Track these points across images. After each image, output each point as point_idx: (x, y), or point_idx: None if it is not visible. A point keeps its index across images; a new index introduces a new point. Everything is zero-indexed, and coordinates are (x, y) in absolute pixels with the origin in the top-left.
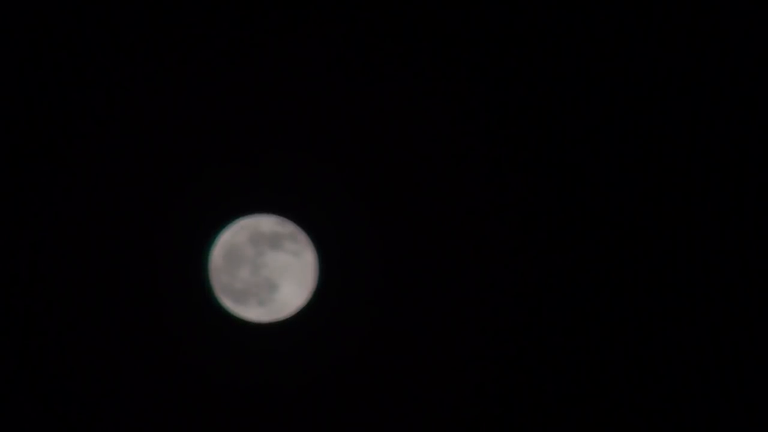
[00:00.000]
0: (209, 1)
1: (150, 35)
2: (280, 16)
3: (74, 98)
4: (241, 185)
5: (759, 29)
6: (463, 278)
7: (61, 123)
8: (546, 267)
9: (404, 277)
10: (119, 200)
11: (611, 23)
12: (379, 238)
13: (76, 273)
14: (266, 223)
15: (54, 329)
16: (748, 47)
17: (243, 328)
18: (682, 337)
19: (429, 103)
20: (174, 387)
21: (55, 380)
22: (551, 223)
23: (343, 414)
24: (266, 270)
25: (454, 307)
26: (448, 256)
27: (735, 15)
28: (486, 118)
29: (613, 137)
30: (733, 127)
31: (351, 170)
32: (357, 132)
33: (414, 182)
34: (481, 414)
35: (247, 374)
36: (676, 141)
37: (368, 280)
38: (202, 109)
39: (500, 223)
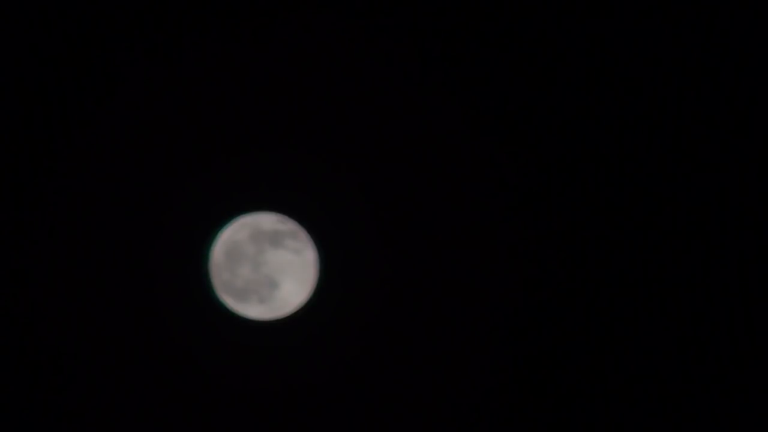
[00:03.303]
0: (210, 0)
1: (150, 34)
2: (281, 14)
3: (74, 96)
4: (242, 183)
5: (759, 29)
6: (464, 277)
7: (61, 121)
8: (548, 268)
9: (405, 276)
10: (119, 198)
11: (611, 23)
12: (380, 237)
13: (76, 272)
14: (267, 220)
15: (54, 328)
16: (748, 47)
17: (243, 326)
18: (682, 337)
19: (429, 101)
20: (174, 385)
21: (55, 380)
22: (553, 224)
23: (343, 412)
24: (267, 268)
25: (455, 306)
26: (448, 254)
27: (735, 15)
28: (487, 118)
29: (616, 139)
30: (733, 127)
31: (352, 168)
32: (358, 130)
33: (415, 181)
34: (481, 413)
35: (248, 372)
36: (677, 141)
37: (369, 278)
38: (203, 107)
39: (502, 223)
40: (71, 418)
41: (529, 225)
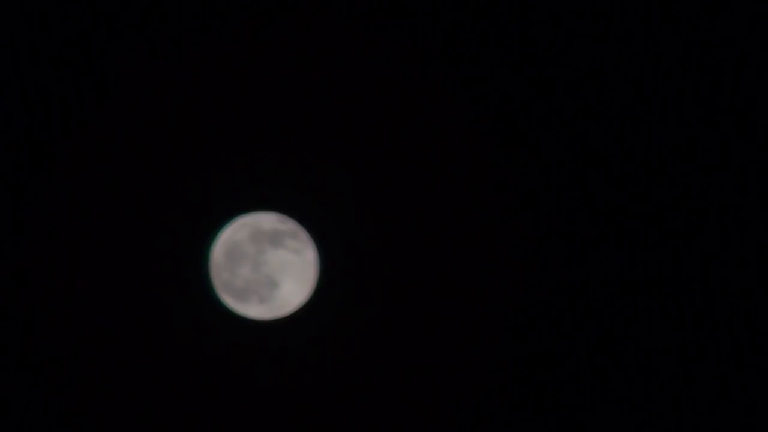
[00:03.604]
0: (210, 0)
1: (150, 34)
2: (281, 14)
3: (74, 97)
4: (242, 183)
5: (759, 29)
6: (463, 276)
7: (61, 122)
8: (548, 267)
9: (405, 275)
10: (120, 198)
11: (611, 23)
12: (380, 237)
13: (76, 272)
14: (267, 220)
15: (54, 328)
16: (748, 47)
17: (244, 326)
18: (682, 337)
19: (429, 101)
20: (175, 384)
21: (55, 379)
22: (553, 223)
23: (343, 412)
24: (267, 267)
25: (455, 305)
26: (448, 254)
27: (735, 15)
28: (487, 117)
29: (616, 139)
30: (733, 128)
31: (352, 168)
32: (358, 130)
33: (415, 180)
34: (481, 413)
35: (248, 371)
36: (677, 141)
37: (368, 278)
38: (204, 107)
39: (502, 223)
40: (71, 418)
41: (530, 225)
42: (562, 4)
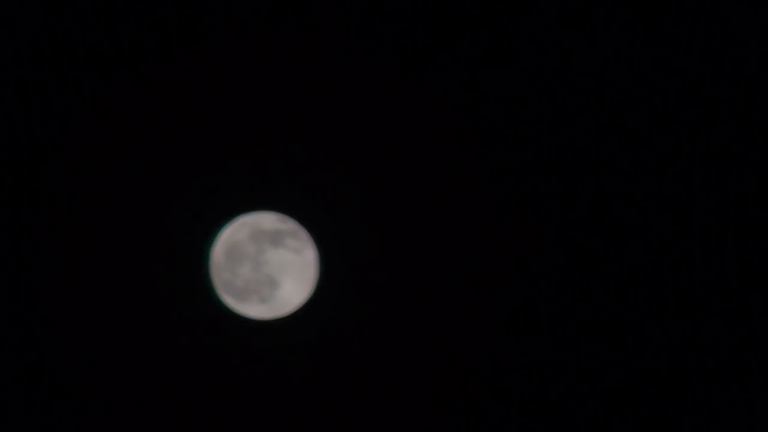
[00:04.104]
0: (210, 0)
1: (150, 34)
2: (281, 13)
3: (74, 96)
4: (242, 182)
5: (759, 29)
6: (463, 276)
7: (61, 122)
8: (548, 265)
9: (405, 274)
10: (120, 197)
11: (611, 23)
12: (380, 236)
13: (77, 271)
14: (267, 220)
15: (54, 328)
16: (748, 47)
17: (244, 326)
18: (682, 337)
19: (429, 100)
20: (175, 385)
21: (55, 379)
22: (553, 222)
23: (344, 412)
24: (267, 267)
25: (455, 304)
26: (448, 253)
27: (735, 15)
28: (487, 116)
29: (614, 138)
30: (733, 128)
31: (352, 167)
32: (358, 129)
33: (415, 179)
34: (481, 413)
35: (249, 372)
36: (676, 141)
37: (369, 278)
38: (204, 106)
39: (502, 223)
40: (72, 418)
41: (530, 225)
42: (562, 5)
